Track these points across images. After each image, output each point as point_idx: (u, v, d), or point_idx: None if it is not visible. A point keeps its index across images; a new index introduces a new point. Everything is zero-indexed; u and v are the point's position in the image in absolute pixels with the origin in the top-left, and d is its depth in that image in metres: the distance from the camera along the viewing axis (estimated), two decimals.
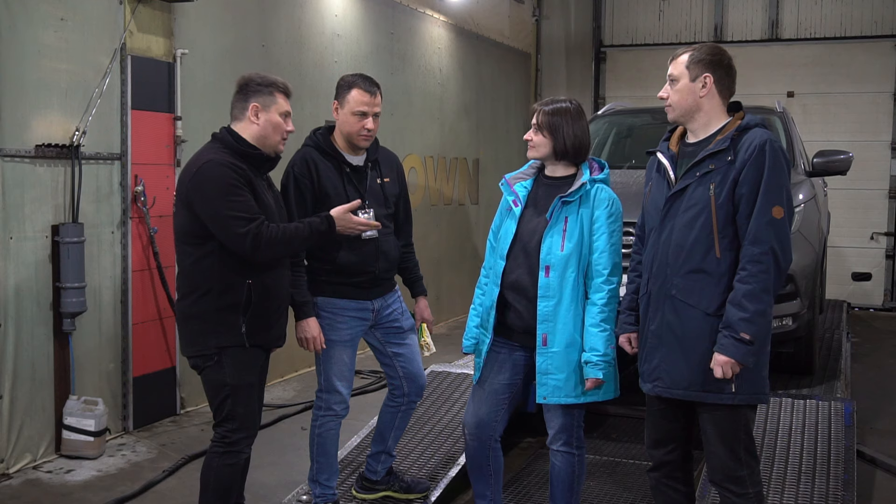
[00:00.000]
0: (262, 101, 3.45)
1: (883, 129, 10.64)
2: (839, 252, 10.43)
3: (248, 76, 3.50)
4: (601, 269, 3.43)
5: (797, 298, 5.36)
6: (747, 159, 3.05)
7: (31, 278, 4.84)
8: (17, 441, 4.79)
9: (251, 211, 3.31)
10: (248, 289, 3.38)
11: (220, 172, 3.31)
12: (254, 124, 3.45)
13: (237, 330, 3.39)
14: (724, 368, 3.04)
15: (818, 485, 4.17)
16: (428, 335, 4.26)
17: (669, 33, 11.53)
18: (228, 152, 3.40)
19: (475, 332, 3.71)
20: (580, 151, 3.52)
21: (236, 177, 3.32)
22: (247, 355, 3.45)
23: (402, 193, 4.17)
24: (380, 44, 8.04)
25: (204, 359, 3.42)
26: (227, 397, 3.42)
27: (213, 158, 3.35)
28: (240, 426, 3.45)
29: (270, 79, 3.50)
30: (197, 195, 3.33)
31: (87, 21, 5.09)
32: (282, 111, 3.49)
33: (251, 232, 3.28)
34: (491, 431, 3.64)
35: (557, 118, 3.48)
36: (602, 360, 3.40)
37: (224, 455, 3.46)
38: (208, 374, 3.44)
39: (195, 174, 3.35)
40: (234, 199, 3.29)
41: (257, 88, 3.46)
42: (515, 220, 3.56)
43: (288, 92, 3.53)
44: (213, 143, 3.48)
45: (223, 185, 3.30)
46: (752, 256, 3.02)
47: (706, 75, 3.16)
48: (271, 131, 3.48)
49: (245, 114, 3.45)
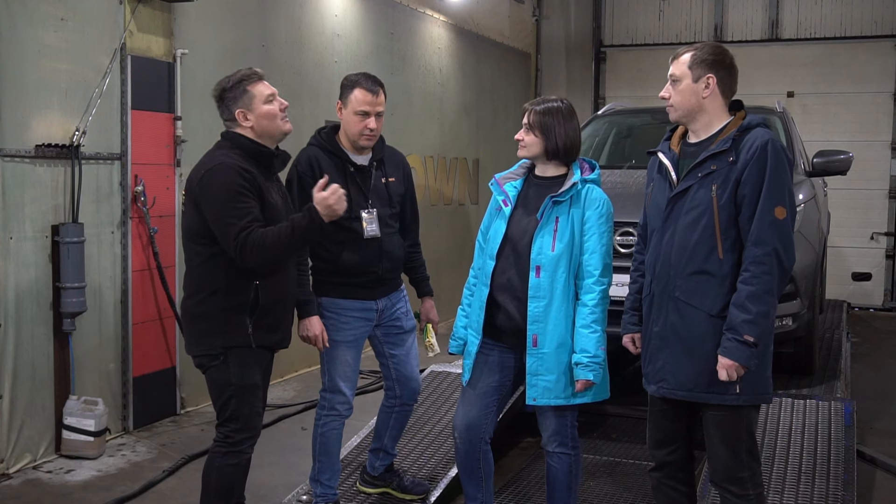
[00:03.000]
0: (242, 102, 3.44)
1: (883, 129, 10.63)
2: (839, 252, 10.42)
3: (219, 87, 3.48)
4: (592, 269, 3.41)
5: (797, 298, 5.36)
6: (749, 160, 3.04)
7: (31, 278, 4.84)
8: (17, 441, 4.79)
9: (248, 217, 3.29)
10: (256, 290, 3.39)
11: (227, 177, 3.31)
12: (249, 125, 3.45)
13: (244, 330, 3.40)
14: (728, 372, 3.03)
15: (818, 485, 4.17)
16: (433, 336, 4.25)
17: (669, 33, 11.53)
18: (240, 154, 3.39)
19: (462, 332, 3.70)
20: (571, 151, 3.50)
21: (243, 182, 3.32)
22: (252, 356, 3.45)
23: (409, 193, 4.15)
24: (380, 44, 8.04)
25: (209, 358, 3.42)
26: (232, 397, 3.42)
27: (223, 161, 3.35)
28: (243, 426, 3.45)
29: (237, 77, 3.46)
30: (203, 197, 3.33)
31: (87, 21, 5.09)
32: (264, 98, 3.45)
33: (239, 239, 3.27)
34: (481, 434, 3.62)
35: (549, 118, 3.46)
36: (592, 361, 3.38)
37: (226, 455, 3.46)
38: (213, 374, 3.44)
39: (204, 175, 3.35)
40: (235, 206, 3.29)
41: (231, 95, 3.44)
42: (505, 220, 3.53)
43: (258, 75, 3.48)
44: (223, 143, 3.47)
45: (228, 189, 3.30)
46: (755, 258, 3.01)
47: (709, 76, 3.14)
48: (266, 122, 3.46)
49: (236, 121, 3.46)
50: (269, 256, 3.32)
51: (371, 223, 3.90)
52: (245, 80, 3.45)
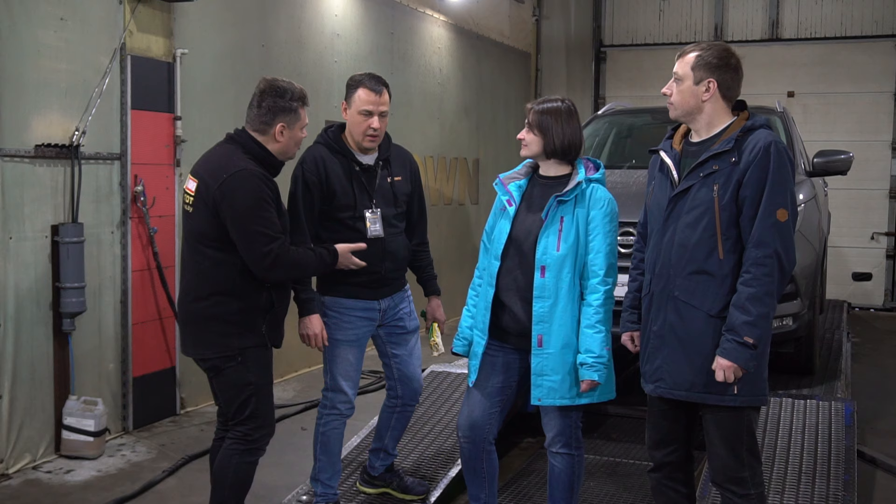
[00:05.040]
0: (288, 120, 3.46)
1: (883, 129, 10.63)
2: (839, 252, 10.42)
3: (272, 86, 3.45)
4: (597, 269, 3.41)
5: (797, 298, 5.36)
6: (751, 161, 3.04)
7: (31, 278, 4.83)
8: (16, 441, 4.78)
9: (276, 229, 3.35)
10: (269, 293, 3.45)
11: (253, 185, 3.32)
12: (279, 142, 3.47)
13: (259, 330, 3.45)
14: (726, 372, 3.03)
15: (818, 485, 4.17)
16: (438, 335, 4.25)
17: (669, 33, 11.53)
18: (251, 158, 3.40)
19: (468, 333, 3.70)
20: (570, 151, 3.50)
21: (268, 191, 3.35)
22: (266, 355, 3.53)
23: (416, 191, 4.14)
24: (380, 44, 8.04)
25: (226, 359, 3.44)
26: (251, 396, 3.46)
27: (246, 168, 3.35)
28: (262, 424, 3.52)
29: (295, 93, 3.47)
30: (226, 203, 3.32)
31: (87, 21, 5.09)
32: (303, 125, 3.53)
33: (273, 252, 3.32)
34: (485, 434, 3.62)
35: (548, 117, 3.47)
36: (597, 361, 3.38)
37: (244, 453, 3.51)
38: (230, 375, 3.46)
39: (227, 180, 3.32)
40: (263, 215, 3.32)
41: (284, 106, 3.44)
42: (510, 220, 3.53)
43: (307, 101, 3.55)
44: (235, 147, 3.45)
45: (256, 198, 3.31)
46: (756, 259, 3.01)
47: (710, 80, 3.13)
48: (293, 146, 3.54)
49: (269, 130, 3.45)
50: (290, 275, 3.51)
51: (374, 223, 3.90)
52: (301, 100, 3.50)
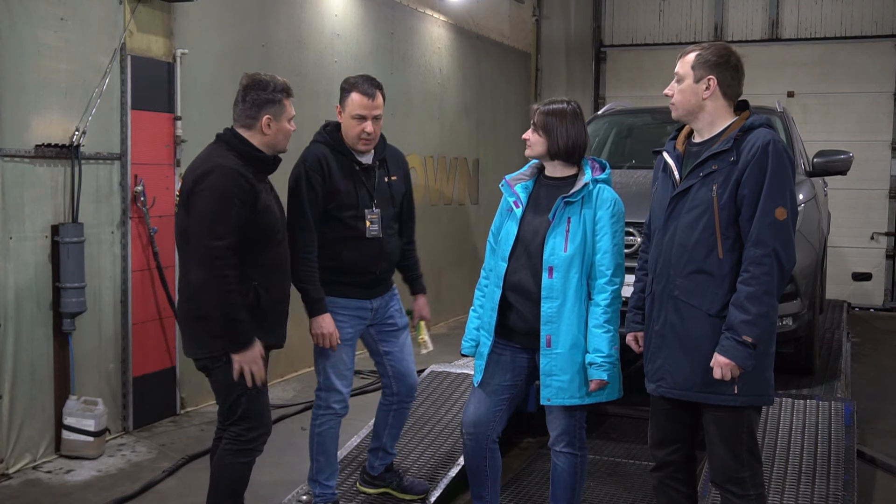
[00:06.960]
0: (274, 111, 3.44)
1: (883, 129, 10.63)
2: (839, 252, 10.42)
3: (254, 80, 3.45)
4: (604, 269, 3.42)
5: (797, 298, 5.36)
6: (750, 160, 3.04)
7: (31, 278, 4.83)
8: (16, 441, 4.78)
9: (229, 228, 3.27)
10: (255, 290, 3.40)
11: (222, 181, 3.29)
12: (266, 135, 3.45)
13: None
14: (723, 370, 3.03)
15: (818, 485, 4.17)
16: (426, 333, 4.27)
17: (669, 33, 11.53)
18: (236, 155, 3.39)
19: (475, 333, 3.70)
20: (574, 152, 3.51)
21: (238, 189, 3.31)
22: None
23: (408, 191, 4.17)
24: (380, 44, 8.04)
25: (213, 360, 3.42)
26: (241, 396, 3.43)
27: (221, 164, 3.33)
28: (255, 424, 3.48)
29: (278, 85, 3.46)
30: (193, 198, 3.31)
31: (87, 21, 5.09)
32: (290, 117, 3.51)
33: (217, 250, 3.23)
34: (489, 432, 3.62)
35: (552, 118, 3.49)
36: (606, 361, 3.39)
37: (238, 453, 3.48)
38: (218, 375, 3.44)
39: (199, 177, 3.33)
40: (222, 211, 3.27)
41: (268, 98, 3.43)
42: (517, 221, 3.54)
43: (292, 93, 3.53)
44: (220, 145, 3.45)
45: (221, 193, 3.28)
46: (755, 258, 3.01)
47: (710, 77, 3.14)
48: (281, 138, 3.51)
49: (256, 124, 3.44)
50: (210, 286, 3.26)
51: (374, 223, 3.91)
52: (284, 92, 3.47)
